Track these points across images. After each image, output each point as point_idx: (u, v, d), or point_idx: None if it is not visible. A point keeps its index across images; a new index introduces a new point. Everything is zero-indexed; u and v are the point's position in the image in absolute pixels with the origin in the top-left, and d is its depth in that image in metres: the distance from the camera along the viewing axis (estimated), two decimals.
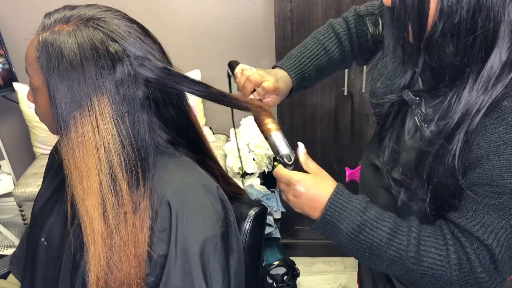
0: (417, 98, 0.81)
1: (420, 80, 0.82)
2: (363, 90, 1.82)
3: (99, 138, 0.72)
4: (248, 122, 2.24)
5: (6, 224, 2.52)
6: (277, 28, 1.85)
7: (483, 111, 0.69)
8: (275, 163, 0.84)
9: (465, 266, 0.75)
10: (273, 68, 1.09)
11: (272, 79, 0.99)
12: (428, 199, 0.83)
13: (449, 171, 0.75)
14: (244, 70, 1.01)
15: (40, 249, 0.89)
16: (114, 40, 0.73)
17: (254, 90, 0.99)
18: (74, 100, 0.72)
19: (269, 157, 2.22)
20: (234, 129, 1.25)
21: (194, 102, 2.29)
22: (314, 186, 0.80)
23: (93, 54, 0.71)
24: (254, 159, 2.18)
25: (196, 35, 2.30)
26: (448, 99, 0.73)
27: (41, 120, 0.82)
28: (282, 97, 1.03)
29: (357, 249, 0.79)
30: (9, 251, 2.33)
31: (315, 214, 0.81)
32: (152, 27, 0.83)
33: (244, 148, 2.16)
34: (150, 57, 0.75)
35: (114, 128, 0.73)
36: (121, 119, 0.73)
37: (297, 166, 0.83)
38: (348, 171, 1.23)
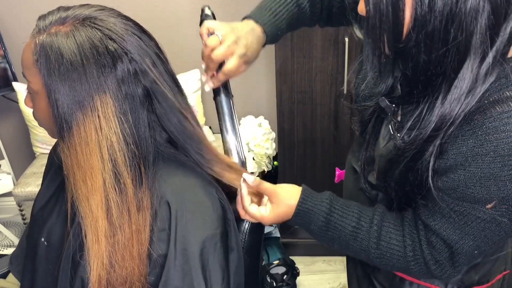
0: (393, 105, 0.81)
1: (399, 87, 0.83)
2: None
3: (102, 137, 0.72)
4: (247, 121, 2.24)
5: (6, 224, 2.52)
6: None
7: (456, 123, 0.70)
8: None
9: (419, 259, 0.82)
10: (243, 19, 1.03)
11: (239, 53, 0.93)
12: (397, 203, 0.86)
13: (421, 180, 0.76)
14: (209, 39, 0.93)
15: (40, 249, 0.89)
16: (111, 39, 0.73)
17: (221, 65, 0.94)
18: (76, 101, 0.71)
19: (269, 156, 2.22)
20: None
21: (195, 101, 2.29)
22: (279, 211, 0.87)
23: (93, 53, 0.71)
24: (253, 159, 2.18)
25: (196, 35, 2.30)
26: (419, 109, 0.74)
27: (41, 124, 0.82)
28: (251, 63, 1.00)
29: (327, 242, 0.89)
30: (9, 251, 2.34)
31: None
32: (152, 27, 0.83)
33: (244, 147, 2.16)
34: (143, 64, 0.75)
35: (118, 126, 0.73)
36: (124, 117, 0.73)
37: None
38: (337, 171, 1.24)
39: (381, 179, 0.88)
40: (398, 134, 0.80)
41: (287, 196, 0.87)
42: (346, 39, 1.83)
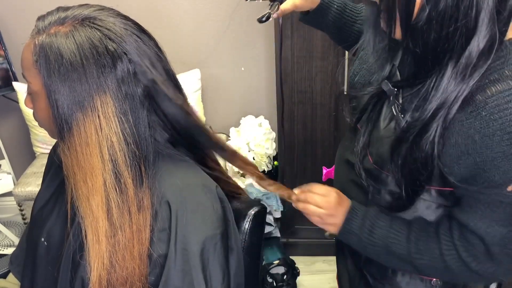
0: (395, 89, 0.83)
1: (398, 73, 0.85)
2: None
3: (102, 137, 0.72)
4: (248, 121, 2.24)
5: (6, 223, 2.52)
6: (277, 27, 1.85)
7: (461, 99, 0.71)
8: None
9: (457, 259, 0.82)
10: None
11: None
12: (403, 185, 0.86)
13: (425, 158, 0.77)
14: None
15: (40, 249, 0.89)
16: (111, 39, 0.73)
17: None
18: (76, 101, 0.71)
19: (269, 156, 2.22)
20: None
21: (195, 101, 2.29)
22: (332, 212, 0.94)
23: (92, 53, 0.71)
24: (254, 158, 2.18)
25: (196, 34, 2.30)
26: (425, 87, 0.75)
27: (41, 125, 0.81)
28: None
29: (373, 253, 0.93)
30: (9, 251, 2.34)
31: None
32: (152, 27, 0.83)
33: (244, 147, 2.16)
34: (142, 65, 0.75)
35: (118, 126, 0.73)
36: (124, 117, 0.73)
37: None
38: (324, 170, 1.25)
39: (378, 162, 0.89)
40: (402, 116, 0.81)
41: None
42: None
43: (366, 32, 0.85)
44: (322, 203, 0.93)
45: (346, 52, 1.85)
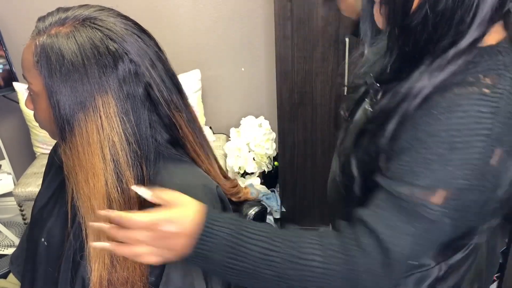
0: (378, 83, 0.79)
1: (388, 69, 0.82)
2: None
3: (104, 137, 0.72)
4: (248, 121, 2.25)
5: (6, 224, 2.52)
6: (277, 27, 1.85)
7: (422, 95, 0.67)
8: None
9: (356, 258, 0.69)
10: None
11: None
12: (360, 181, 0.79)
13: (378, 154, 0.73)
14: None
15: (40, 250, 0.89)
16: (112, 39, 0.73)
17: None
18: (78, 101, 0.71)
19: (269, 156, 2.22)
20: None
21: (195, 101, 2.29)
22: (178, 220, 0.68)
23: (94, 53, 0.71)
24: (254, 159, 2.18)
25: (196, 35, 2.31)
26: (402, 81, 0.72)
27: (42, 126, 0.81)
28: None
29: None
30: (9, 251, 2.34)
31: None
32: (152, 27, 0.83)
33: (244, 147, 2.16)
34: (142, 65, 0.75)
35: (120, 126, 0.73)
36: (126, 117, 0.73)
37: None
38: None
39: (347, 157, 0.82)
40: (371, 109, 0.79)
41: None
42: (347, 39, 1.83)
43: (362, 24, 0.81)
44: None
45: (347, 52, 1.86)
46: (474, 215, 0.70)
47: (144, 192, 0.69)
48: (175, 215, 0.67)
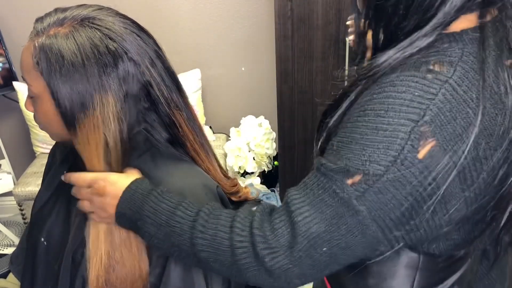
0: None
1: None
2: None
3: (100, 136, 0.73)
4: (248, 121, 2.24)
5: (6, 223, 2.52)
6: (277, 27, 1.85)
7: (379, 72, 0.62)
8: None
9: (247, 243, 0.65)
10: None
11: None
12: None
13: (329, 130, 0.68)
14: None
15: (40, 249, 0.89)
16: (111, 38, 0.73)
17: None
18: (77, 101, 0.72)
19: (269, 156, 2.22)
20: None
21: (195, 101, 2.29)
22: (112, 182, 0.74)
23: (94, 53, 0.71)
24: (254, 159, 2.18)
25: (196, 34, 2.30)
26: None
27: (42, 128, 0.81)
28: None
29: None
30: (9, 250, 2.34)
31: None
32: (152, 27, 0.83)
33: (244, 147, 2.16)
34: (141, 64, 0.75)
35: (118, 125, 0.73)
36: (124, 116, 0.74)
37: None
38: None
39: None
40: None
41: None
42: (347, 39, 1.83)
43: (352, 10, 0.77)
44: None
45: (347, 52, 1.86)
46: (403, 217, 0.59)
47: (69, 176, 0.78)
48: (111, 176, 0.74)
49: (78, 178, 0.77)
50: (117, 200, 0.73)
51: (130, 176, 0.75)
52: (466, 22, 0.62)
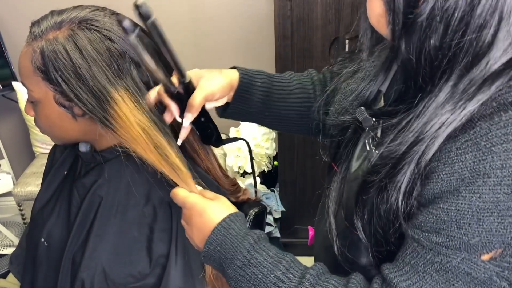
0: (374, 119, 0.64)
1: (382, 100, 0.68)
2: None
3: (137, 122, 0.72)
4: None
5: (6, 223, 2.52)
6: (277, 27, 1.84)
7: (445, 134, 0.52)
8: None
9: None
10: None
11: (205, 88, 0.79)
12: (371, 251, 0.64)
13: (390, 212, 0.58)
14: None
15: (40, 250, 0.89)
16: (111, 39, 0.72)
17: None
18: (99, 97, 0.71)
19: (269, 156, 2.22)
20: None
21: None
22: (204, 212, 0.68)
23: (95, 55, 0.71)
24: (254, 159, 2.18)
25: (196, 34, 2.30)
26: (411, 114, 0.56)
27: (43, 131, 0.80)
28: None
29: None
30: (9, 251, 2.34)
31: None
32: None
33: (244, 147, 2.16)
34: (141, 64, 0.75)
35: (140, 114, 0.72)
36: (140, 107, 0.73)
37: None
38: (311, 231, 1.01)
39: (349, 217, 0.68)
40: (377, 151, 0.63)
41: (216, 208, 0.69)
42: (347, 40, 1.83)
43: (364, 33, 0.67)
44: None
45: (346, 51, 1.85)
46: None
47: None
48: (197, 206, 0.68)
49: (173, 195, 0.71)
50: (203, 236, 0.66)
51: (218, 204, 0.68)
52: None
